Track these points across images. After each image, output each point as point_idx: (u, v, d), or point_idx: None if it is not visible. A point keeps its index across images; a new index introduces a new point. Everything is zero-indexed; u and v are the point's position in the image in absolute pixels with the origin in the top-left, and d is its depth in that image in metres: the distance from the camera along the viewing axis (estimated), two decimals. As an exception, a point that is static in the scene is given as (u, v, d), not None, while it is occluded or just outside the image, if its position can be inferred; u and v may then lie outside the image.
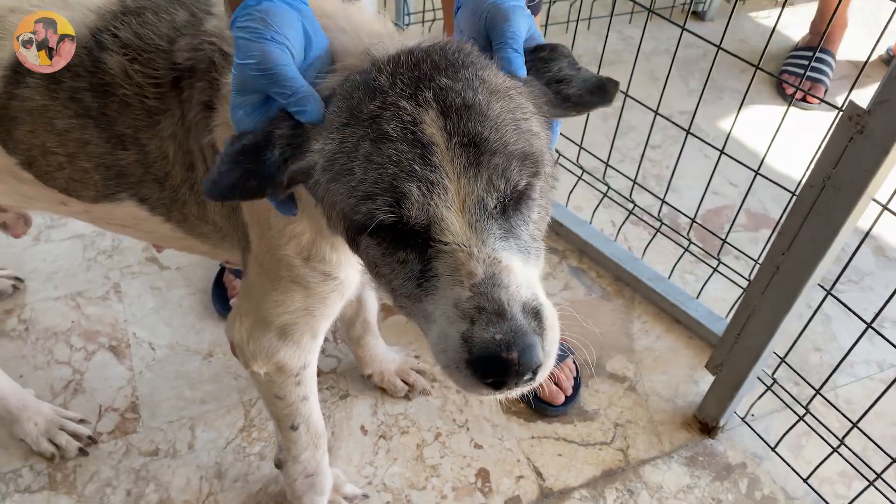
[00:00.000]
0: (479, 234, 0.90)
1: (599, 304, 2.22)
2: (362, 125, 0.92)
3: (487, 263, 0.89)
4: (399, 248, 0.95)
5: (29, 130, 1.29)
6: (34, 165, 1.34)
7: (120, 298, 2.15)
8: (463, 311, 0.88)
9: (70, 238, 2.29)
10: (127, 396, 1.94)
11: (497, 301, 0.87)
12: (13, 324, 2.08)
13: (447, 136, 0.90)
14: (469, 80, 0.94)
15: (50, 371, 1.99)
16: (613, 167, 2.27)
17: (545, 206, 1.02)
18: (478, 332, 0.87)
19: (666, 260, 2.25)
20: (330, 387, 1.98)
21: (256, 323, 1.35)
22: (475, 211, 0.91)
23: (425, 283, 0.94)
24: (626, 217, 2.29)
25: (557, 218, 2.36)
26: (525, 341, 0.86)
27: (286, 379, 1.42)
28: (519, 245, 0.94)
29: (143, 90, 1.23)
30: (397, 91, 0.93)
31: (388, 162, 0.90)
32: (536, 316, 0.89)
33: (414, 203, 0.89)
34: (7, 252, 2.24)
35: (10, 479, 1.78)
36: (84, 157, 1.31)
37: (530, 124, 0.98)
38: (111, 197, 1.37)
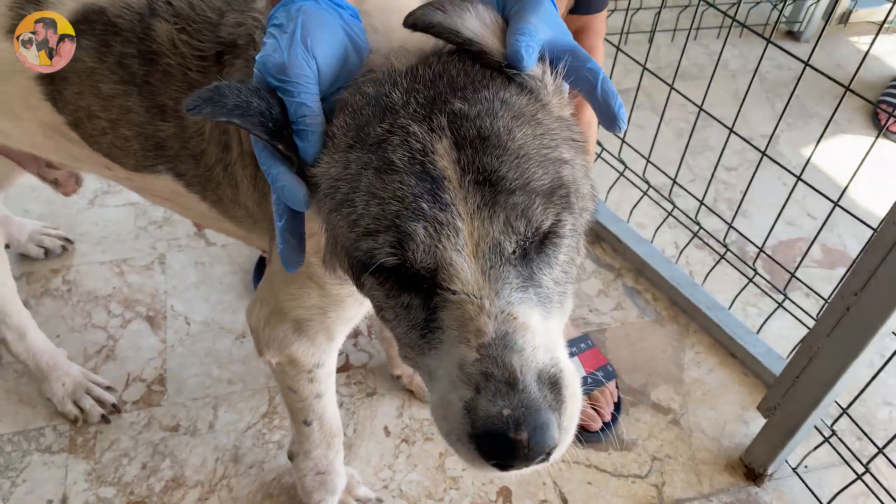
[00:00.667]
0: (492, 284, 0.79)
1: (651, 329, 2.09)
2: (368, 150, 0.82)
3: (500, 320, 0.77)
4: (403, 291, 0.84)
5: (77, 92, 1.27)
6: (80, 127, 1.32)
7: (163, 270, 2.14)
8: (468, 376, 0.77)
9: (124, 205, 2.30)
10: (156, 368, 1.92)
11: (508, 367, 0.76)
12: (57, 283, 2.09)
13: (461, 172, 0.79)
14: (489, 101, 0.83)
15: (86, 334, 1.99)
16: (681, 185, 2.14)
17: (576, 245, 0.89)
18: (483, 404, 0.75)
19: (728, 289, 2.10)
20: (358, 382, 1.92)
21: (274, 312, 1.30)
22: (490, 256, 0.79)
23: (429, 334, 0.83)
24: (690, 239, 2.15)
25: (617, 234, 2.24)
26: (538, 419, 0.74)
27: (298, 373, 1.37)
28: (540, 295, 0.82)
29: (186, 61, 1.19)
30: (410, 112, 0.82)
31: (392, 197, 0.79)
32: (554, 386, 0.78)
33: (419, 245, 0.78)
34: (62, 213, 2.27)
35: (32, 437, 1.78)
36: (125, 125, 1.28)
37: (560, 152, 0.85)
38: (150, 168, 1.34)
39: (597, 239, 2.30)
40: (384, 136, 0.82)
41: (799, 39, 3.17)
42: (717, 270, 2.15)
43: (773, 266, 2.16)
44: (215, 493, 1.71)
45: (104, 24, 1.22)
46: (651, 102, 2.75)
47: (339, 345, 1.38)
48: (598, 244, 2.29)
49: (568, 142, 0.88)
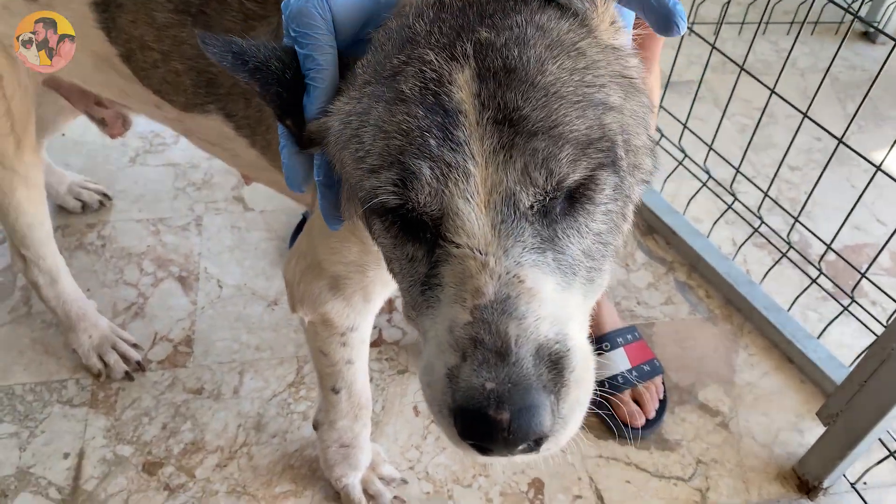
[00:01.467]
0: (501, 240, 0.68)
1: (703, 327, 1.97)
2: (381, 82, 0.74)
3: (503, 281, 0.67)
4: (407, 240, 0.75)
5: (131, 20, 1.22)
6: (132, 59, 1.27)
7: (199, 232, 2.09)
8: (456, 340, 0.67)
9: (164, 165, 2.26)
10: (184, 329, 1.87)
11: (501, 335, 0.65)
12: (92, 238, 2.05)
13: (480, 107, 0.68)
14: (520, 27, 0.72)
15: (116, 290, 1.94)
16: (745, 176, 2.02)
17: (620, 212, 0.77)
18: (465, 374, 0.66)
19: (788, 291, 1.97)
20: (390, 359, 1.84)
21: (311, 266, 1.22)
22: (503, 209, 0.69)
23: (428, 291, 0.73)
24: (751, 234, 2.02)
25: (672, 226, 2.13)
26: (525, 399, 0.64)
27: (331, 335, 1.28)
28: (561, 263, 0.71)
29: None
30: (431, 42, 0.73)
31: (398, 131, 0.70)
32: (555, 365, 0.67)
33: (424, 186, 0.69)
34: (103, 168, 2.24)
35: (54, 389, 1.74)
36: (177, 58, 1.22)
37: (606, 93, 0.73)
38: (200, 107, 1.28)
39: (649, 230, 2.18)
40: (399, 67, 0.73)
41: (874, 41, 3.01)
42: (776, 271, 2.02)
43: (836, 270, 2.03)
44: (235, 459, 1.64)
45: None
46: (713, 96, 2.63)
47: (376, 309, 1.30)
48: (650, 235, 2.17)
49: (618, 80, 0.76)
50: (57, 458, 1.62)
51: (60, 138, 2.29)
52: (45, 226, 1.58)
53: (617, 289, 2.02)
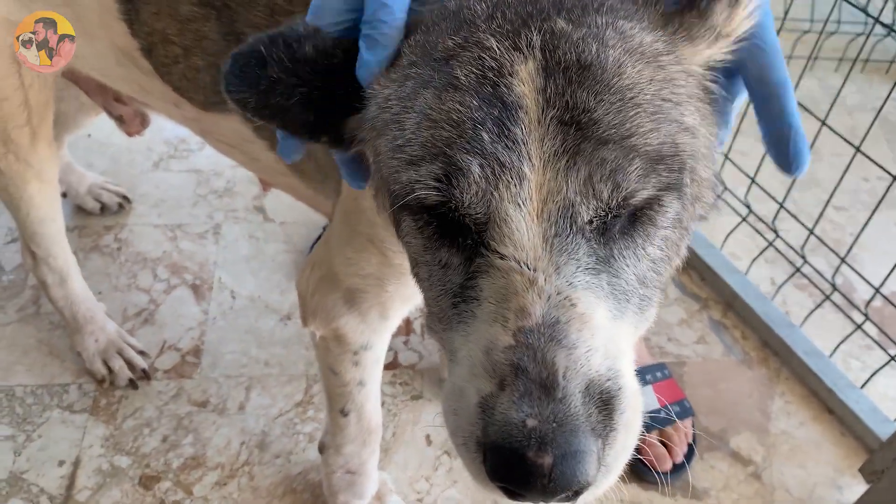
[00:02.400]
0: (554, 256, 0.61)
1: (737, 369, 1.85)
2: (431, 65, 0.66)
3: (553, 303, 0.60)
4: (443, 244, 0.67)
5: (154, 12, 1.17)
6: (153, 53, 1.22)
7: (216, 240, 2.04)
8: (493, 365, 0.60)
9: (187, 171, 2.22)
10: (193, 339, 1.80)
11: (548, 365, 0.58)
12: (108, 240, 2.01)
13: (543, 104, 0.61)
14: (599, 27, 0.65)
15: (128, 295, 1.89)
16: (788, 211, 1.91)
17: (677, 242, 0.70)
18: (503, 405, 0.58)
19: (830, 336, 1.85)
20: (404, 383, 1.75)
21: (326, 277, 1.15)
22: (558, 220, 0.61)
23: (462, 304, 0.65)
24: (792, 273, 1.91)
25: (707, 261, 2.03)
26: (572, 444, 0.56)
27: (343, 352, 1.20)
28: (615, 288, 0.64)
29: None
30: (493, 27, 0.65)
31: (447, 120, 0.62)
32: (605, 406, 0.59)
33: (471, 185, 0.61)
34: (126, 172, 2.20)
35: (56, 392, 1.67)
36: (199, 53, 1.17)
37: (682, 112, 0.66)
38: (219, 106, 1.23)
39: (684, 264, 2.08)
40: (454, 50, 0.65)
41: (927, 83, 2.90)
42: (818, 315, 1.90)
43: (882, 317, 1.91)
44: (235, 478, 1.56)
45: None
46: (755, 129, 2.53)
47: (393, 327, 1.22)
48: (684, 270, 2.07)
49: (695, 102, 0.69)
50: (51, 465, 1.55)
51: (86, 139, 2.26)
52: (56, 223, 1.53)
53: (647, 324, 1.92)
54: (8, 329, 1.79)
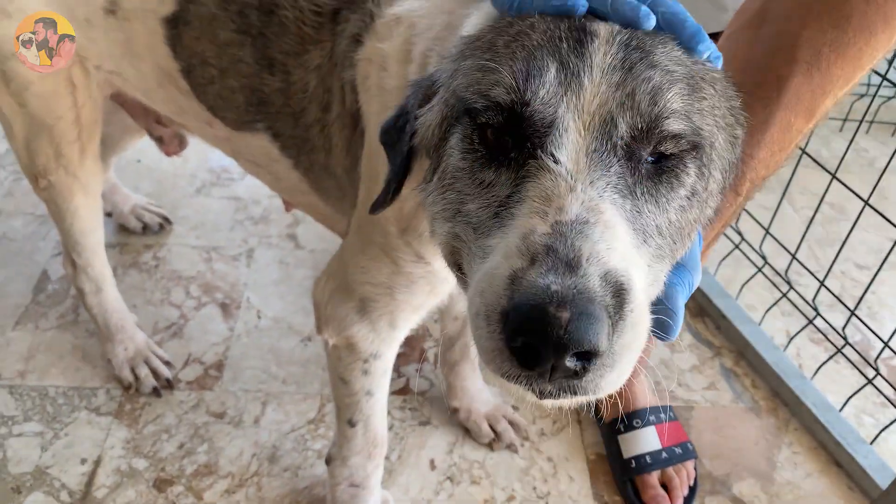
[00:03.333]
0: (591, 169, 0.70)
1: (745, 417, 1.86)
2: (518, 24, 0.78)
3: (586, 206, 0.68)
4: (489, 162, 0.76)
5: (195, 37, 1.30)
6: (191, 74, 1.34)
7: (248, 263, 2.14)
8: (528, 246, 0.67)
9: (227, 198, 2.34)
10: (217, 354, 1.89)
11: (575, 250, 0.65)
12: (147, 258, 2.13)
13: (615, 34, 0.74)
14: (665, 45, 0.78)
15: (160, 309, 1.99)
16: (801, 262, 1.94)
17: (690, 222, 0.79)
18: (531, 275, 0.64)
19: (841, 390, 1.85)
20: (413, 409, 1.80)
21: (340, 287, 1.23)
22: (599, 134, 0.71)
23: (503, 211, 0.73)
24: (804, 325, 1.93)
25: (722, 309, 2.05)
26: (587, 308, 0.62)
27: (354, 361, 1.28)
28: (635, 219, 0.72)
29: (303, 16, 1.20)
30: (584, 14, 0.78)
31: (535, 36, 0.75)
32: (618, 294, 0.66)
33: (546, 84, 0.72)
34: (170, 195, 2.33)
35: (85, 395, 1.77)
36: (234, 75, 1.29)
37: (713, 104, 0.78)
38: (249, 125, 1.34)
39: (699, 312, 2.11)
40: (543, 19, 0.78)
41: (961, 149, 2.90)
42: (833, 370, 1.91)
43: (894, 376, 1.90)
44: (244, 488, 1.62)
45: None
46: (782, 186, 2.55)
47: (401, 338, 1.29)
48: (699, 318, 2.10)
49: (726, 108, 0.81)
50: (74, 462, 1.64)
51: (136, 164, 2.41)
52: (96, 234, 1.64)
53: (658, 367, 1.95)
54: (48, 334, 1.90)
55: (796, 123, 1.09)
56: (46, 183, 1.49)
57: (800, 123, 1.09)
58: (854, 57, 1.03)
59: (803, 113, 1.08)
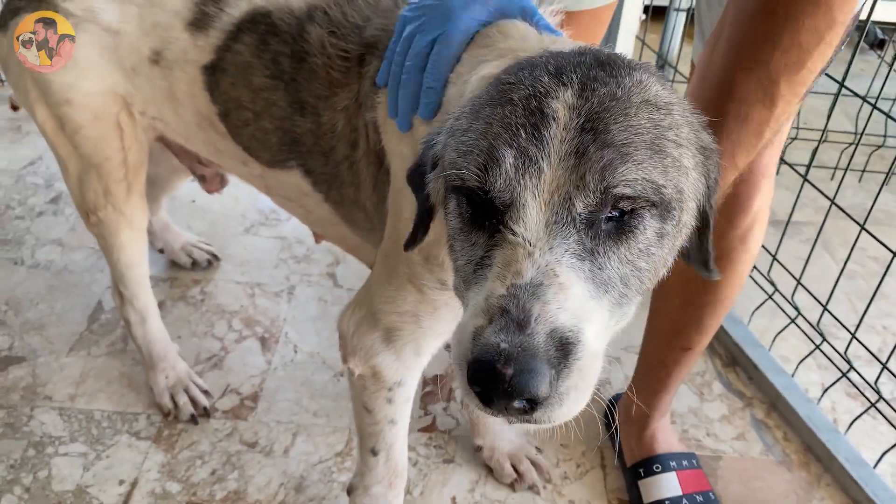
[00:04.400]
0: (550, 238, 0.78)
1: (775, 470, 1.83)
2: (497, 89, 0.87)
3: (541, 270, 0.77)
4: (474, 226, 0.86)
5: (231, 83, 1.40)
6: (228, 117, 1.45)
7: (289, 300, 2.23)
8: (488, 307, 0.77)
9: (273, 238, 2.45)
10: (254, 385, 1.97)
11: (525, 311, 0.75)
12: (195, 292, 2.24)
13: (572, 116, 0.80)
14: (625, 77, 0.85)
15: (203, 341, 2.09)
16: (832, 314, 1.91)
17: (660, 259, 0.86)
18: (487, 333, 0.75)
19: (877, 446, 1.81)
20: (438, 446, 1.84)
21: (366, 317, 1.29)
22: (558, 210, 0.79)
23: (479, 270, 0.84)
24: (837, 379, 1.90)
25: (755, 360, 2.03)
26: (529, 364, 0.73)
27: (379, 389, 1.33)
28: (595, 276, 0.80)
29: (331, 61, 1.29)
30: (547, 68, 0.86)
31: (498, 123, 0.82)
32: (563, 347, 0.75)
33: (503, 174, 0.80)
34: (220, 234, 2.46)
35: (127, 420, 1.87)
36: (267, 118, 1.39)
37: (680, 153, 0.85)
38: (282, 163, 1.43)
39: (731, 362, 2.09)
40: (515, 81, 0.86)
41: None
42: (870, 426, 1.87)
43: (939, 433, 1.84)
44: (269, 516, 1.67)
45: (267, 25, 1.35)
46: (823, 239, 2.53)
47: (424, 364, 1.34)
48: (731, 368, 2.08)
49: (694, 150, 0.88)
50: (113, 483, 1.72)
51: (190, 204, 2.56)
52: (142, 267, 1.75)
53: (686, 416, 1.94)
54: (99, 360, 2.02)
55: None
56: (96, 219, 1.61)
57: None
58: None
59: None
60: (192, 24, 1.39)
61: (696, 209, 0.90)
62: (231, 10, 1.37)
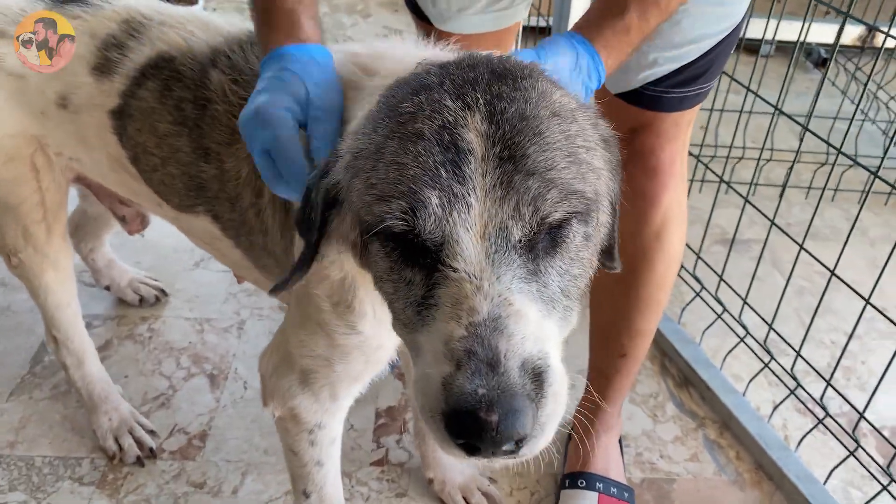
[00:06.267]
0: (495, 268, 0.77)
1: (728, 490, 1.83)
2: (396, 120, 0.83)
3: (495, 303, 0.76)
4: (406, 265, 0.83)
5: (137, 128, 1.39)
6: (138, 162, 1.44)
7: (239, 335, 2.20)
8: (451, 352, 0.75)
9: (223, 271, 2.42)
10: (202, 424, 1.93)
11: (493, 349, 0.73)
12: (142, 330, 2.20)
13: (488, 146, 0.78)
14: (529, 91, 0.84)
15: (151, 380, 2.05)
16: (778, 333, 1.93)
17: (588, 260, 0.87)
18: (459, 381, 0.73)
19: (827, 463, 1.82)
20: (391, 480, 1.81)
21: (283, 360, 1.28)
22: (496, 240, 0.78)
23: (425, 311, 0.81)
24: (785, 397, 1.91)
25: (706, 380, 2.04)
26: (512, 404, 0.71)
27: (300, 431, 1.31)
28: (543, 294, 0.80)
29: (233, 109, 1.28)
30: (444, 89, 0.83)
31: (414, 163, 0.79)
32: (537, 378, 0.74)
33: (430, 215, 0.78)
34: (168, 269, 2.42)
35: (70, 465, 1.81)
36: (173, 163, 1.38)
37: (591, 156, 0.86)
38: (190, 208, 1.42)
39: (684, 382, 2.10)
40: (415, 108, 0.83)
41: (956, 217, 2.89)
42: (821, 442, 1.89)
43: (886, 447, 1.86)
44: (217, 559, 1.63)
45: (171, 71, 1.34)
46: (773, 256, 2.57)
47: (345, 409, 1.32)
48: (684, 388, 2.09)
49: (601, 149, 0.89)
50: (54, 532, 1.67)
51: (139, 238, 2.51)
52: (71, 307, 1.71)
53: (640, 438, 1.93)
54: (41, 404, 1.96)
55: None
56: (17, 261, 1.58)
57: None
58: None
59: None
60: (96, 68, 1.37)
61: (609, 205, 0.92)
62: (134, 56, 1.36)
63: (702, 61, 1.36)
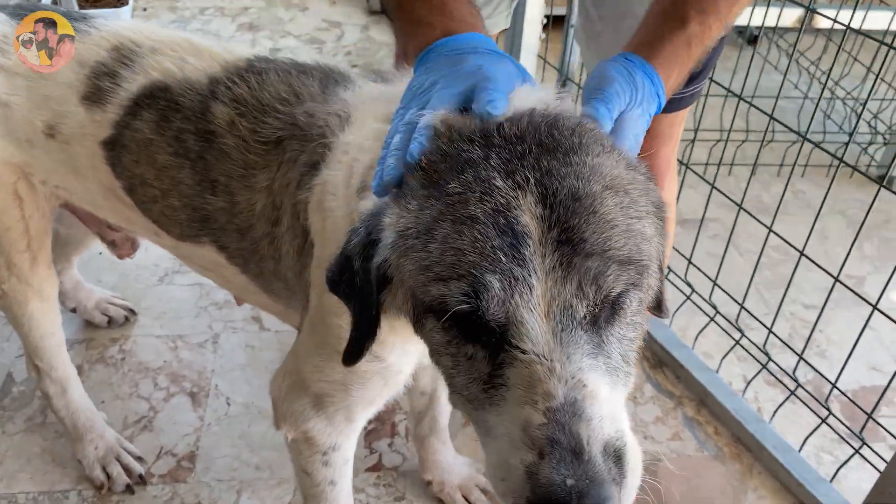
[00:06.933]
0: (564, 347, 0.78)
1: (710, 465, 1.92)
2: (445, 200, 0.83)
3: (570, 385, 0.76)
4: (468, 341, 0.84)
5: (133, 160, 1.35)
6: (134, 193, 1.40)
7: (215, 349, 2.16)
8: (532, 439, 0.76)
9: (190, 285, 2.37)
10: (189, 444, 1.90)
11: (575, 436, 0.74)
12: (114, 352, 2.14)
13: (545, 229, 0.79)
14: (579, 166, 0.84)
15: (129, 403, 2.00)
16: (749, 311, 2.02)
17: (642, 323, 0.88)
18: (546, 471, 0.74)
19: (800, 431, 1.92)
20: (387, 484, 1.83)
21: (296, 384, 1.27)
22: (562, 319, 0.79)
23: (492, 390, 0.82)
24: (757, 371, 2.00)
25: (680, 360, 2.12)
26: (601, 493, 0.73)
27: (313, 453, 1.31)
28: (608, 365, 0.81)
29: (246, 143, 1.26)
30: (492, 164, 0.83)
31: (471, 248, 0.79)
32: (618, 459, 0.76)
33: (493, 297, 0.78)
34: (133, 286, 2.35)
35: (55, 499, 1.76)
36: (175, 195, 1.35)
37: (643, 225, 0.87)
38: (194, 238, 1.39)
39: (659, 364, 2.18)
40: (464, 188, 0.82)
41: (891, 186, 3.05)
42: (792, 411, 1.98)
43: (854, 412, 1.97)
44: (222, 581, 1.62)
45: (167, 101, 1.30)
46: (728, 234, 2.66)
47: (359, 429, 1.32)
48: (659, 369, 2.16)
49: (652, 218, 0.90)
50: (48, 570, 1.63)
51: (98, 257, 2.43)
52: (56, 336, 1.66)
53: (623, 422, 2.00)
54: (16, 438, 1.90)
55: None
56: (1, 291, 1.52)
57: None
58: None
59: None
60: (87, 98, 1.33)
61: (657, 268, 0.93)
62: (127, 85, 1.32)
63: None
